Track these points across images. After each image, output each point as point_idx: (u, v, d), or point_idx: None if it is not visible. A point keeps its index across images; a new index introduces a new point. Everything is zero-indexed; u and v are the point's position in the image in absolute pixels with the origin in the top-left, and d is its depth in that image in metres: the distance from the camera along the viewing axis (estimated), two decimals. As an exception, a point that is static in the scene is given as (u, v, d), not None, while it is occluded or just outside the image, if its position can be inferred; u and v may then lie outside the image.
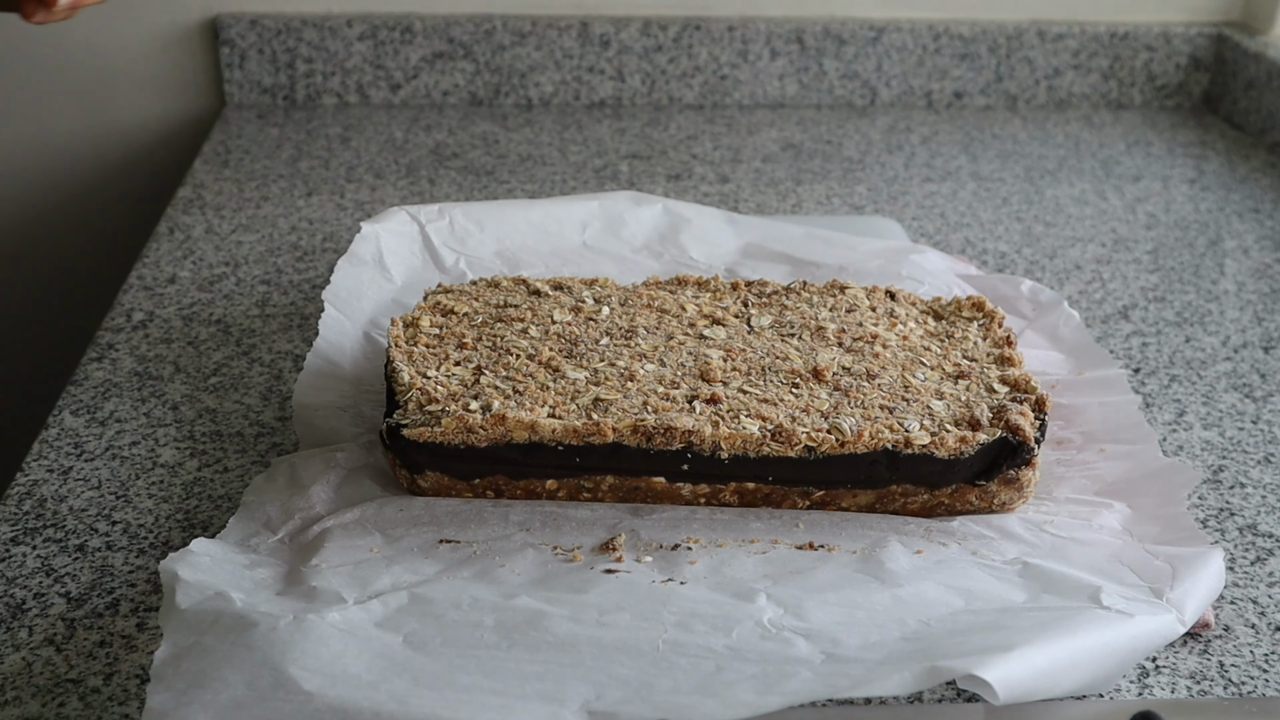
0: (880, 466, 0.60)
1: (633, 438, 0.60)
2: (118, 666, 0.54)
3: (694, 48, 1.28)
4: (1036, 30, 1.31)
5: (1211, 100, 1.34)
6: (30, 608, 0.57)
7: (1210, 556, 0.57)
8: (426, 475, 0.61)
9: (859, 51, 1.30)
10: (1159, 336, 0.85)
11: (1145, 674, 0.55)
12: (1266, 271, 0.96)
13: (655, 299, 0.72)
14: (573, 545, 0.59)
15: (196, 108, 1.28)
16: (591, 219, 0.86)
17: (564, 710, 0.47)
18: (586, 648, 0.51)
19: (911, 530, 0.60)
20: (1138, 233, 1.03)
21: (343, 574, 0.55)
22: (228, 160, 1.13)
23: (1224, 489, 0.68)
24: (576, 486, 0.62)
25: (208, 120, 1.27)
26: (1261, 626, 0.58)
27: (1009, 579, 0.56)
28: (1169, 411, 0.76)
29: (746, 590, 0.54)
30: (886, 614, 0.53)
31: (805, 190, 1.10)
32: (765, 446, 0.60)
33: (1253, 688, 0.54)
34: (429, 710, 0.47)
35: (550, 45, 1.27)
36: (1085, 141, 1.24)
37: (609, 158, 1.16)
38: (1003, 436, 0.60)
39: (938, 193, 1.10)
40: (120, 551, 0.61)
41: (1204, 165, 1.19)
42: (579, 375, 0.64)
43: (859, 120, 1.28)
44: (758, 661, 0.50)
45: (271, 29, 1.24)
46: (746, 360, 0.66)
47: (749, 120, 1.27)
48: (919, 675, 0.47)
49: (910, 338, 0.69)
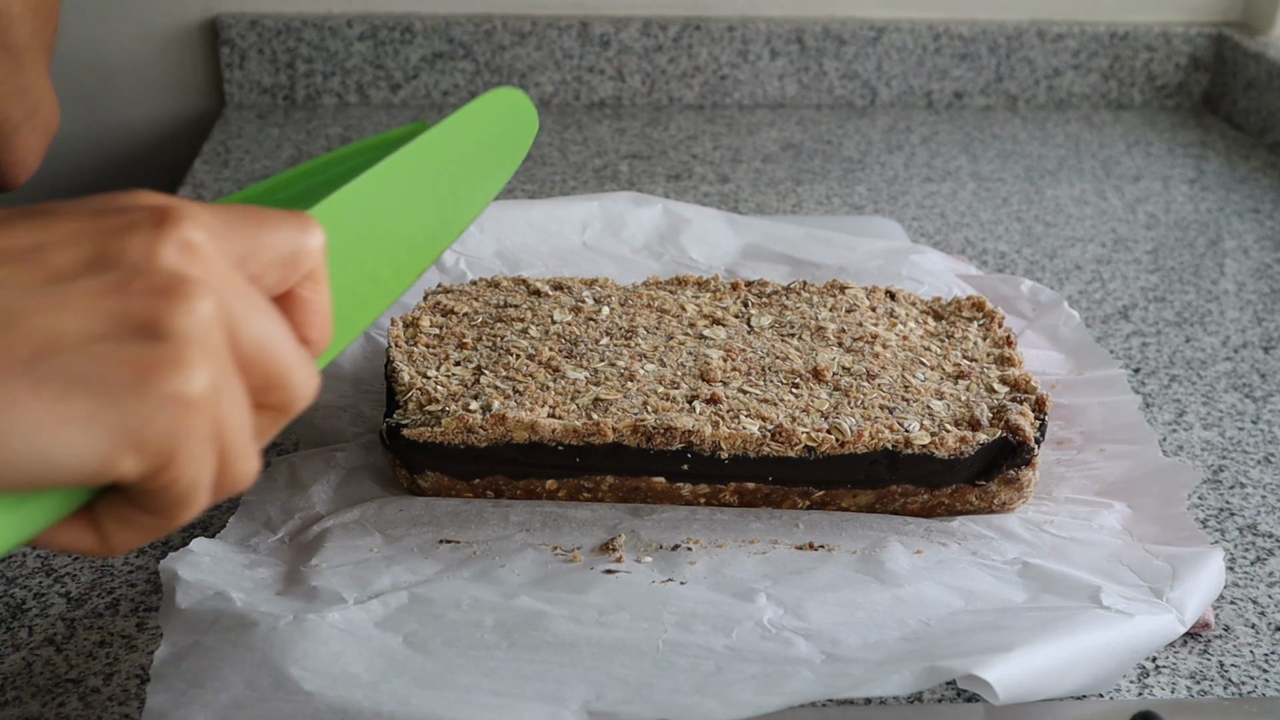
0: (880, 466, 0.60)
1: (633, 438, 0.60)
2: (118, 666, 0.54)
3: (694, 48, 1.28)
4: (1036, 30, 1.31)
5: (1211, 100, 1.34)
6: (30, 608, 0.57)
7: (1210, 556, 0.57)
8: (426, 475, 0.61)
9: (859, 51, 1.30)
10: (1159, 336, 0.85)
11: (1145, 674, 0.55)
12: (1266, 271, 0.96)
13: (655, 299, 0.72)
14: (573, 545, 0.59)
15: (196, 108, 1.28)
16: (591, 219, 0.86)
17: (564, 710, 0.47)
18: (586, 648, 0.51)
19: (911, 530, 0.60)
20: (1138, 233, 1.03)
21: (343, 574, 0.55)
22: (228, 160, 1.13)
23: (1224, 489, 0.68)
24: (576, 486, 0.62)
25: (208, 120, 1.27)
26: (1261, 626, 0.58)
27: (1009, 579, 0.56)
28: (1169, 411, 0.76)
29: (746, 590, 0.54)
30: (886, 614, 0.53)
31: (805, 190, 1.10)
32: (765, 446, 0.60)
33: (1253, 688, 0.54)
34: (429, 710, 0.47)
35: (550, 45, 1.27)
36: (1085, 141, 1.24)
37: (609, 158, 1.16)
38: (1003, 436, 0.60)
39: (938, 193, 1.10)
40: (120, 551, 0.61)
41: (1204, 165, 1.19)
42: (579, 375, 0.64)
43: (859, 120, 1.28)
44: (758, 661, 0.50)
45: (271, 29, 1.24)
46: (746, 360, 0.66)
47: (749, 120, 1.27)
48: (919, 675, 0.47)
49: (910, 338, 0.69)
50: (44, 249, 0.33)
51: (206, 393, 0.33)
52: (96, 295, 0.32)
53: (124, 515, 0.35)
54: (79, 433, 0.31)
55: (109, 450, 0.32)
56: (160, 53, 1.25)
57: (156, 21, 1.24)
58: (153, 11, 1.23)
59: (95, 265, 0.33)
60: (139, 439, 0.32)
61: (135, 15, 1.23)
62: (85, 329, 0.32)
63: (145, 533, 0.35)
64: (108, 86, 1.25)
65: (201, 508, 0.35)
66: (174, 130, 1.28)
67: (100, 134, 1.26)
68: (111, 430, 0.32)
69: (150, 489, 0.34)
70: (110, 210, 0.34)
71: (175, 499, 0.34)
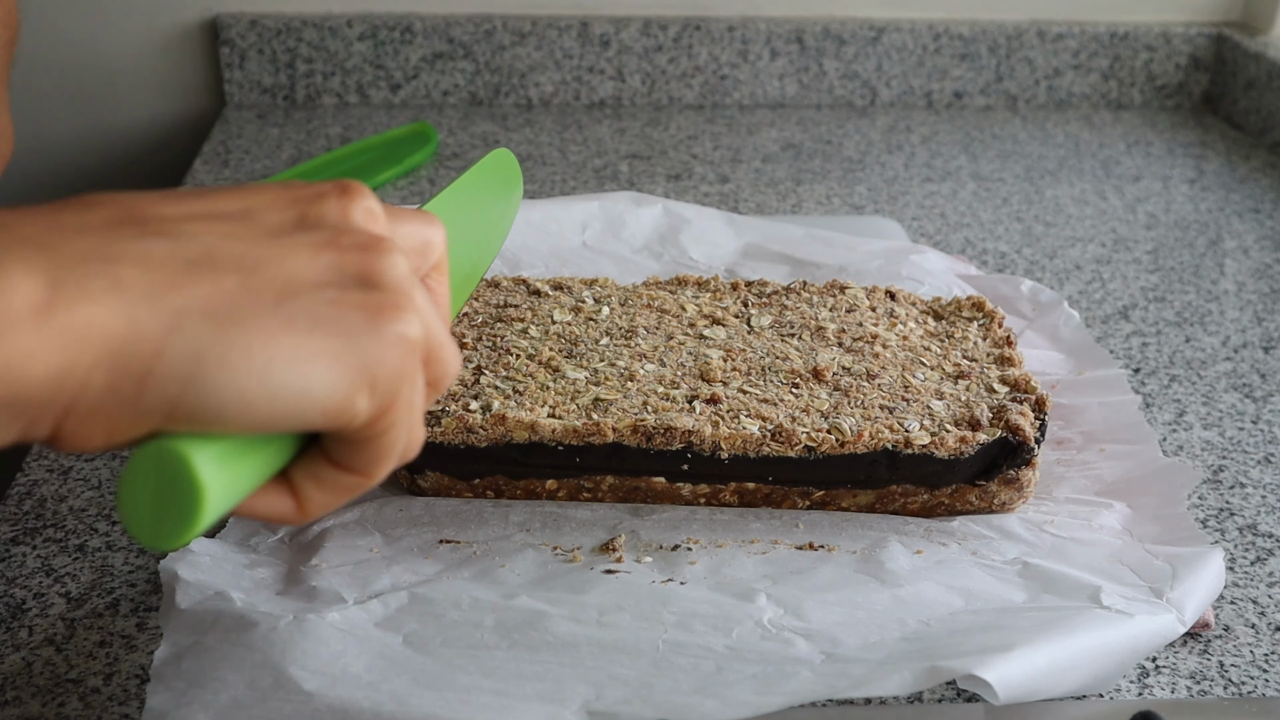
0: (880, 466, 0.60)
1: (633, 438, 0.60)
2: (118, 666, 0.54)
3: (694, 48, 1.28)
4: (1036, 30, 1.31)
5: (1211, 100, 1.34)
6: (30, 608, 0.57)
7: (1210, 556, 0.57)
8: (426, 475, 0.61)
9: (859, 51, 1.30)
10: (1159, 336, 0.85)
11: (1145, 674, 0.55)
12: (1266, 271, 0.96)
13: (655, 299, 0.72)
14: (573, 546, 0.59)
15: (196, 108, 1.28)
16: (591, 219, 0.86)
17: (564, 710, 0.47)
18: (586, 648, 0.51)
19: (911, 530, 0.60)
20: (1138, 233, 1.03)
21: (343, 574, 0.55)
22: (228, 160, 1.13)
23: (1224, 489, 0.68)
24: (576, 486, 0.62)
25: (208, 120, 1.27)
26: (1261, 626, 0.58)
27: (1009, 579, 0.56)
28: (1169, 411, 0.76)
29: (746, 590, 0.54)
30: (886, 614, 0.53)
31: (805, 190, 1.10)
32: (765, 446, 0.60)
33: (1253, 688, 0.54)
34: (429, 710, 0.47)
35: (550, 45, 1.27)
36: (1085, 141, 1.24)
37: (609, 158, 1.16)
38: (1003, 436, 0.60)
39: (938, 193, 1.10)
40: (120, 551, 0.61)
41: (1204, 165, 1.19)
42: (579, 375, 0.64)
43: (859, 120, 1.28)
44: (758, 661, 0.50)
45: (271, 29, 1.24)
46: (746, 360, 0.66)
47: (749, 120, 1.27)
48: (919, 675, 0.47)
49: (910, 338, 0.69)
50: (255, 211, 0.36)
51: (421, 337, 0.36)
52: (316, 248, 0.36)
53: (323, 476, 0.38)
54: (328, 367, 0.34)
55: (350, 385, 0.35)
56: (160, 53, 1.25)
57: (156, 21, 1.24)
58: (153, 11, 1.23)
59: (302, 225, 0.36)
60: (372, 376, 0.35)
61: (135, 15, 1.23)
62: (315, 276, 0.35)
63: (341, 493, 0.38)
64: (108, 86, 1.25)
65: (392, 469, 0.38)
66: (174, 130, 1.28)
67: (100, 134, 1.26)
68: (351, 367, 0.35)
69: (365, 437, 0.36)
70: (295, 184, 0.38)
71: (384, 449, 0.37)
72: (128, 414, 0.33)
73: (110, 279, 0.32)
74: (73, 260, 0.32)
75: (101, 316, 0.31)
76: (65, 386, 0.31)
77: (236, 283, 0.34)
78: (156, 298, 0.32)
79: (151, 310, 0.32)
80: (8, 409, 0.31)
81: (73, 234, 0.33)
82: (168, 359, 0.32)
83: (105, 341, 0.31)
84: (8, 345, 0.30)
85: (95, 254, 0.32)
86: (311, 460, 0.38)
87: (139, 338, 0.32)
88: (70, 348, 0.31)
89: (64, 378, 0.31)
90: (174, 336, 0.32)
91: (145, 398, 0.32)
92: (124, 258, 0.33)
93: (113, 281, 0.32)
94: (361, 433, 0.36)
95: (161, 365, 0.32)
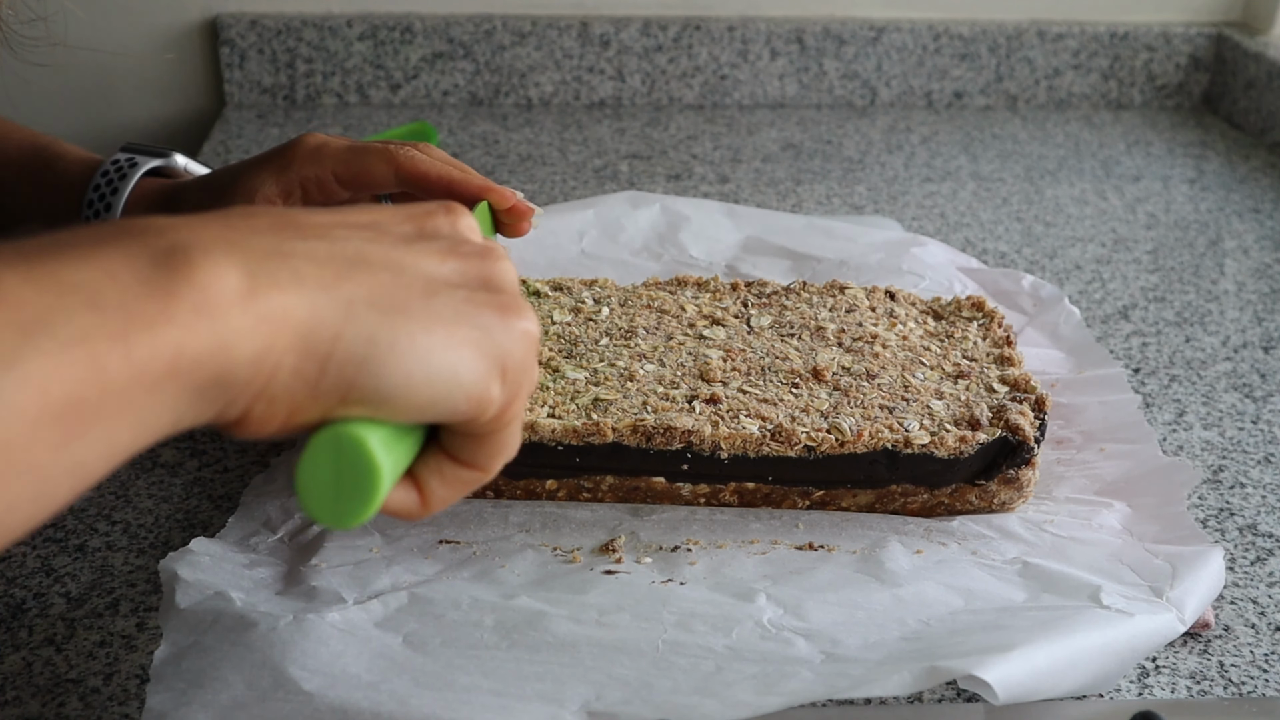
0: (880, 466, 0.60)
1: (632, 438, 0.60)
2: (118, 666, 0.54)
3: (694, 48, 1.28)
4: (1036, 30, 1.31)
5: (1211, 100, 1.34)
6: (30, 608, 0.57)
7: (1210, 555, 0.57)
8: (426, 475, 0.61)
9: (859, 51, 1.30)
10: (1159, 336, 0.85)
11: (1145, 674, 0.55)
12: (1266, 271, 0.96)
13: (655, 299, 0.72)
14: (572, 546, 0.59)
15: (196, 108, 1.28)
16: (588, 227, 0.86)
17: (564, 711, 0.47)
18: (586, 648, 0.51)
19: (911, 530, 0.60)
20: (1138, 233, 1.03)
21: (342, 574, 0.55)
22: (228, 160, 1.13)
23: (1224, 489, 0.68)
24: (576, 486, 0.62)
25: (208, 120, 1.27)
26: (1261, 626, 0.58)
27: (1009, 579, 0.56)
28: (1169, 411, 0.76)
29: (746, 590, 0.54)
30: (886, 614, 0.53)
31: (805, 190, 1.10)
32: (765, 446, 0.60)
33: (1253, 688, 0.54)
34: (429, 710, 0.47)
35: (550, 45, 1.27)
36: (1085, 141, 1.24)
37: (609, 158, 1.16)
38: (1002, 436, 0.60)
39: (938, 193, 1.10)
40: (120, 551, 0.61)
41: (1204, 165, 1.19)
42: (579, 375, 0.64)
43: (859, 120, 1.28)
44: (757, 662, 0.50)
45: (271, 29, 1.24)
46: (746, 360, 0.66)
47: (749, 120, 1.27)
48: (919, 675, 0.47)
49: (910, 338, 0.69)
50: (381, 224, 0.40)
51: (539, 335, 0.41)
52: (442, 254, 0.40)
53: (445, 472, 0.41)
54: (472, 357, 0.38)
55: (487, 374, 0.38)
56: (160, 53, 1.25)
57: (156, 21, 1.24)
58: (153, 11, 1.23)
59: (422, 235, 0.40)
60: (504, 367, 0.39)
61: (135, 15, 1.23)
62: (447, 278, 0.39)
63: (460, 488, 0.42)
64: (108, 86, 1.25)
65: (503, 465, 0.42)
66: (174, 130, 1.28)
67: (100, 134, 1.26)
68: (488, 355, 0.38)
69: (490, 430, 0.40)
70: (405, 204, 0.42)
71: (504, 442, 0.41)
72: (308, 396, 0.35)
73: (291, 271, 0.35)
74: (259, 255, 0.35)
75: (291, 304, 0.34)
76: (262, 368, 0.34)
77: (390, 279, 0.37)
78: (331, 289, 0.36)
79: (329, 299, 0.35)
80: (214, 387, 0.33)
81: (250, 234, 0.35)
82: (345, 343, 0.35)
83: (295, 326, 0.34)
84: (222, 326, 0.33)
85: (274, 251, 0.35)
86: (434, 457, 0.41)
87: (321, 324, 0.35)
88: (269, 332, 0.34)
89: (262, 359, 0.34)
90: (349, 324, 0.35)
91: (324, 380, 0.35)
92: (296, 254, 0.36)
93: (294, 274, 0.35)
94: (490, 424, 0.39)
95: (340, 349, 0.35)
